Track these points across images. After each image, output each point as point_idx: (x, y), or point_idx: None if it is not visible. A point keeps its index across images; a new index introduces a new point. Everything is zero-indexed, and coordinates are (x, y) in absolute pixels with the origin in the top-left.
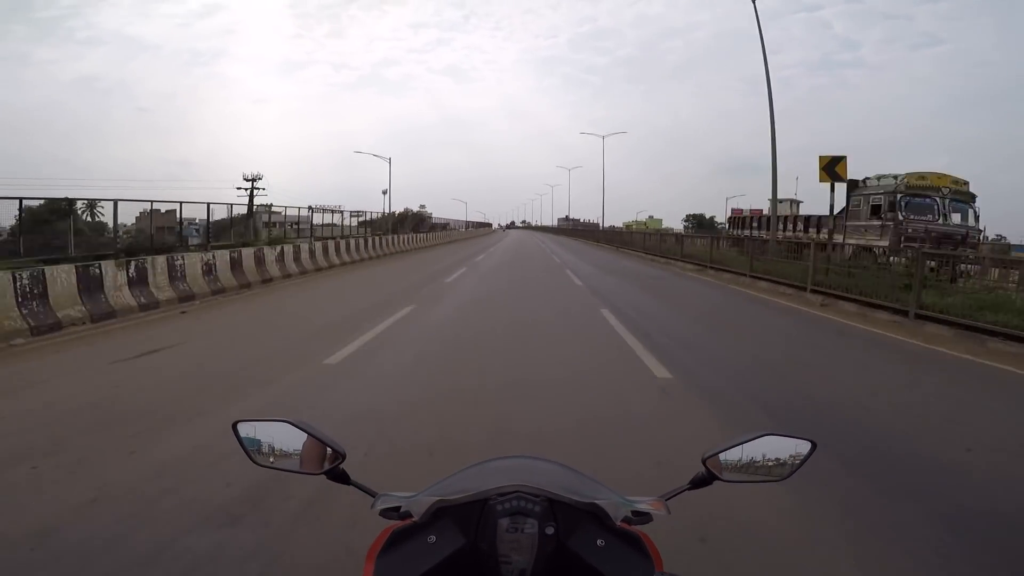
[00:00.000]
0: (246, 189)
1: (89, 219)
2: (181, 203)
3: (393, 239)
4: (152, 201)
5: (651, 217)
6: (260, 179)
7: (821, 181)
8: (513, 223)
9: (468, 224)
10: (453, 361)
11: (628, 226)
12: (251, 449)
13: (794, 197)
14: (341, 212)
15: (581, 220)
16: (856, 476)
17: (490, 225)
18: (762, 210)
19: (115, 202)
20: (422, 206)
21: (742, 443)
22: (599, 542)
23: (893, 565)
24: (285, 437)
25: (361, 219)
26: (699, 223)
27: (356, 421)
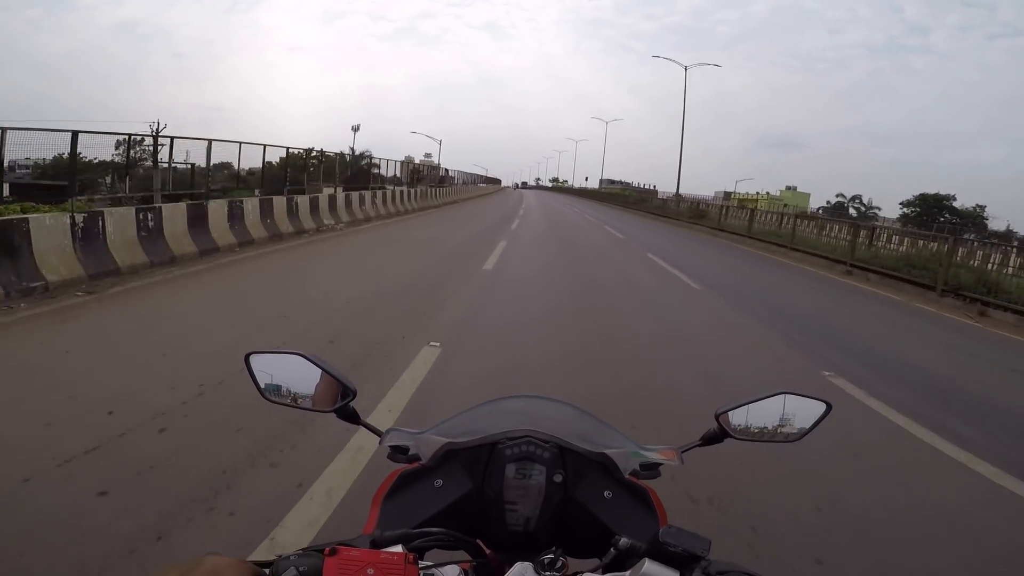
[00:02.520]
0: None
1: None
2: (240, 143)
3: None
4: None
5: (790, 190)
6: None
7: None
8: (525, 183)
9: (474, 179)
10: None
11: (743, 202)
12: (262, 382)
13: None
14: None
15: (634, 183)
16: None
17: (499, 182)
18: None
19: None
20: (427, 155)
21: (756, 401)
22: (606, 494)
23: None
24: (297, 371)
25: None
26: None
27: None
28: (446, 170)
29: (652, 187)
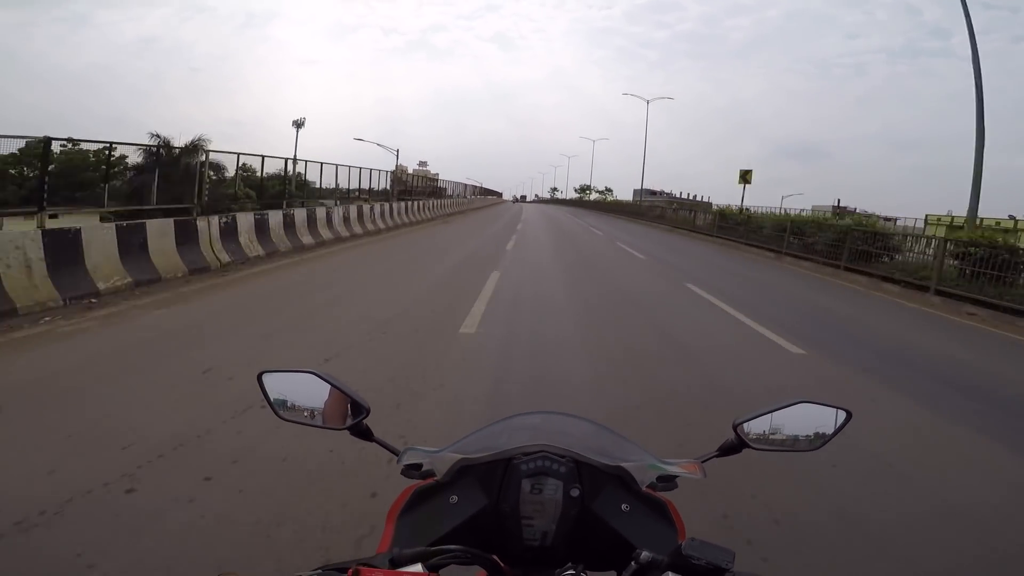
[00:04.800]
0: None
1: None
2: (264, 157)
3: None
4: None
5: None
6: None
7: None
8: (524, 196)
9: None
10: None
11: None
12: (276, 400)
13: None
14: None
15: (679, 194)
16: None
17: (499, 195)
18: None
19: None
20: (422, 163)
21: (774, 411)
22: (623, 507)
23: None
24: (309, 389)
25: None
26: None
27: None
28: (438, 182)
29: (703, 198)
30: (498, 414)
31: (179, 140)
